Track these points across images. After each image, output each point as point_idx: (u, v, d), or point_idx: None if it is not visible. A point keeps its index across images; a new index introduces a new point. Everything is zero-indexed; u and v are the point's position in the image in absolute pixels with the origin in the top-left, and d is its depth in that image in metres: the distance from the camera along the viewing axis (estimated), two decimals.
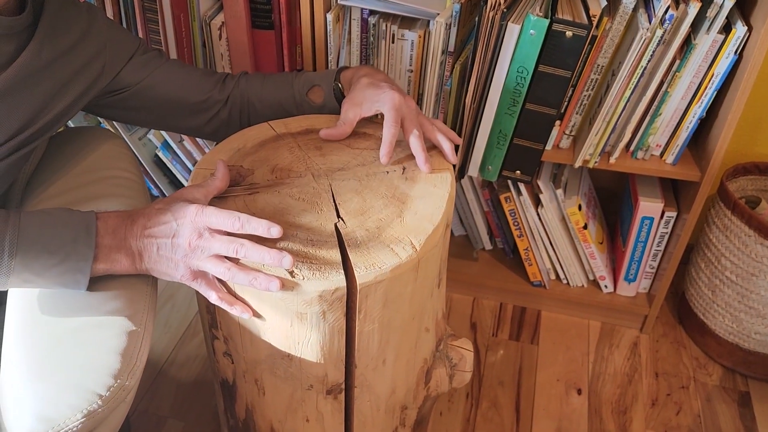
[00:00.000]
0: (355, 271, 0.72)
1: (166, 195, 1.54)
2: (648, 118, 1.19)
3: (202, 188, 0.77)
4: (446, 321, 1.19)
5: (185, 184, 1.51)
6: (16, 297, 0.76)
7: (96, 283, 0.74)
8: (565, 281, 1.50)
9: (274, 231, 0.71)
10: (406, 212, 0.80)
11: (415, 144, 0.86)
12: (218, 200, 0.80)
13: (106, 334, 0.71)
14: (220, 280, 0.75)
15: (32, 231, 0.69)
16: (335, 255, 0.73)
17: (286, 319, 0.74)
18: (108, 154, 0.95)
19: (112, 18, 1.16)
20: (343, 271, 0.72)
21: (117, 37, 0.92)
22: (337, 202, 0.81)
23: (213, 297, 0.74)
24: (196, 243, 0.71)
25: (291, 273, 0.71)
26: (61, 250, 0.69)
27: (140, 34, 1.27)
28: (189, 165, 1.48)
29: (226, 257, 0.72)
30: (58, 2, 0.84)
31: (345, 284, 0.72)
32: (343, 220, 0.78)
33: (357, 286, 0.72)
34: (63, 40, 0.84)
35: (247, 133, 0.94)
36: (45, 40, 0.81)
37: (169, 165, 1.48)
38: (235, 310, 0.74)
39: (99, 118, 1.45)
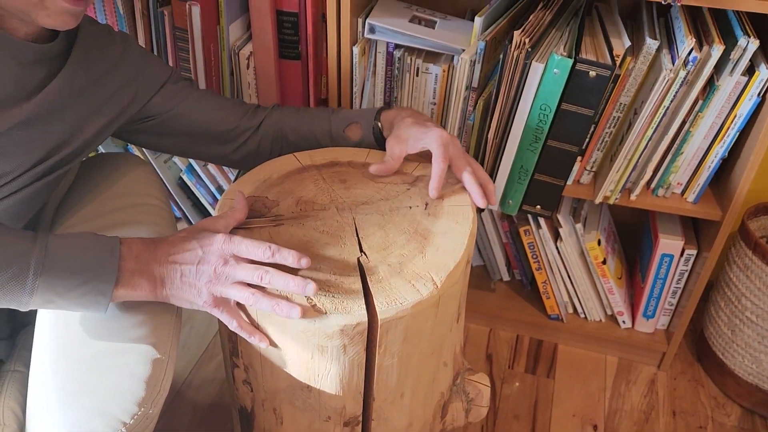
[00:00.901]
0: (376, 307, 0.72)
1: (190, 218, 1.57)
2: (669, 156, 1.20)
3: (222, 219, 0.79)
4: (464, 354, 1.19)
5: (208, 207, 1.53)
6: (45, 319, 0.78)
7: (122, 310, 0.75)
8: (582, 315, 1.49)
9: (303, 262, 0.73)
10: (428, 248, 0.81)
11: (469, 181, 0.88)
12: (244, 231, 0.82)
13: (132, 360, 0.72)
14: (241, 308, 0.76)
15: (58, 252, 0.70)
16: (357, 289, 0.74)
17: (307, 351, 0.75)
18: (137, 180, 0.97)
19: (143, 46, 1.19)
20: (364, 306, 0.73)
21: (149, 66, 0.95)
22: (360, 237, 0.82)
23: (233, 325, 0.75)
24: (222, 269, 0.72)
25: (313, 306, 0.72)
26: (84, 272, 0.70)
27: (170, 62, 1.30)
28: (213, 189, 1.50)
29: (249, 284, 0.73)
30: (92, 31, 0.87)
31: (366, 319, 0.73)
32: (365, 254, 0.79)
33: (378, 321, 0.73)
34: (96, 68, 0.86)
35: (273, 164, 0.95)
36: (78, 67, 0.83)
37: (193, 188, 1.51)
38: (254, 340, 0.76)
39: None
